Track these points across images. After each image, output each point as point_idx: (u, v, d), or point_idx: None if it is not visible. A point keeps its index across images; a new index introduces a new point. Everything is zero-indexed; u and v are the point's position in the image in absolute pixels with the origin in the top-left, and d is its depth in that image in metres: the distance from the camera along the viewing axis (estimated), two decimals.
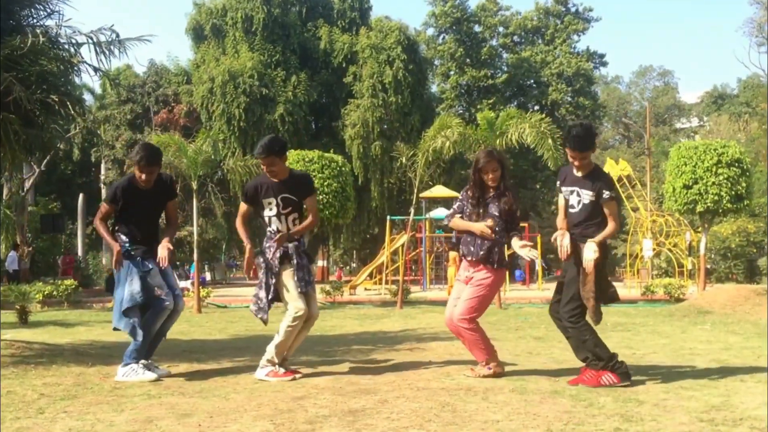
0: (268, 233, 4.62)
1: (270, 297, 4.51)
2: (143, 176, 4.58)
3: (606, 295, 4.27)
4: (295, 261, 4.53)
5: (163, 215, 4.96)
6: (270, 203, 4.59)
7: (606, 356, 4.16)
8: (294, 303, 4.46)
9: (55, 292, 14.45)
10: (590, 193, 4.23)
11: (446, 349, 6.00)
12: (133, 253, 4.55)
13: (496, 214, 4.41)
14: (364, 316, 11.07)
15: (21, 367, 4.85)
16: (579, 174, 4.31)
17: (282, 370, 4.47)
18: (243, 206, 4.74)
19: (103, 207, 4.81)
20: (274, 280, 4.51)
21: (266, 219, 4.61)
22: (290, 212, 4.64)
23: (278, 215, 4.60)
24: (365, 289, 20.25)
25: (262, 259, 4.55)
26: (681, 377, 4.39)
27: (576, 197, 4.30)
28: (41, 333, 8.04)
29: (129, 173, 4.97)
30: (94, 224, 5.00)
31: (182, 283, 19.46)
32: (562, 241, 4.23)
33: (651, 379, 4.34)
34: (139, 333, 4.47)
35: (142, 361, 4.50)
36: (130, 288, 4.47)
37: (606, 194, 4.23)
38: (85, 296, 16.57)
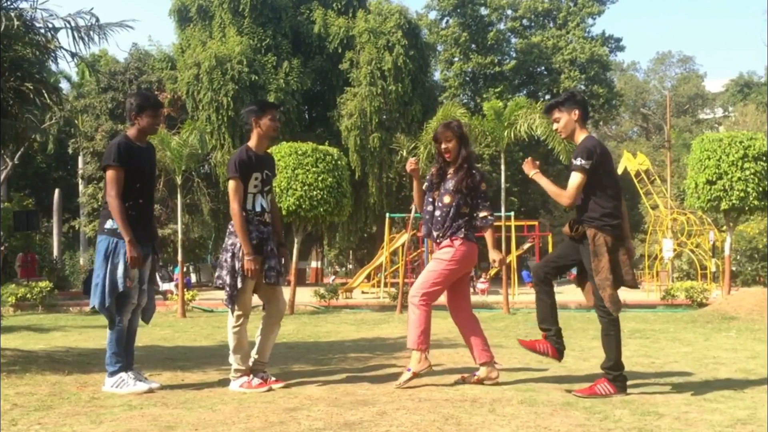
0: (248, 215, 4.47)
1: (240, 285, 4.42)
2: (156, 122, 4.49)
3: (623, 281, 4.26)
4: (269, 248, 4.52)
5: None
6: (256, 178, 4.53)
7: (616, 360, 4.17)
8: (239, 301, 4.45)
9: (29, 295, 14.45)
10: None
11: (450, 357, 6.01)
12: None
13: (451, 188, 4.54)
14: (361, 321, 11.08)
15: None
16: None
17: (256, 381, 4.45)
18: (239, 185, 4.43)
19: (113, 173, 4.29)
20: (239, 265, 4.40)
21: (249, 198, 4.50)
22: (268, 191, 4.65)
23: (261, 192, 4.56)
24: (362, 292, 20.26)
25: (231, 242, 4.46)
26: (704, 388, 4.39)
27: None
28: (14, 338, 8.04)
29: (120, 134, 4.62)
30: (112, 204, 4.28)
31: (165, 286, 19.46)
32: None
33: (671, 390, 4.35)
34: (118, 322, 4.42)
35: (130, 372, 4.48)
36: (113, 275, 4.32)
37: (574, 160, 4.18)
38: (61, 299, 16.56)
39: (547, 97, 32.49)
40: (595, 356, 6.05)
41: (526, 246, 24.49)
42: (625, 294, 4.81)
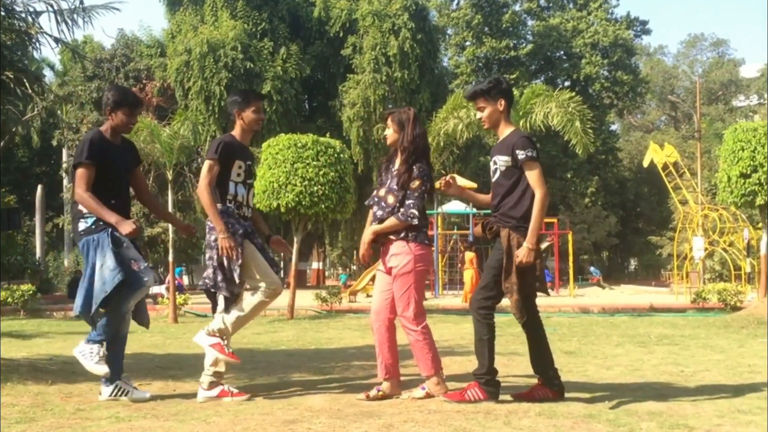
0: (226, 208, 4.52)
1: (234, 275, 4.45)
2: (130, 121, 4.55)
3: (533, 288, 4.32)
4: (257, 241, 4.60)
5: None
6: (240, 167, 4.60)
7: (486, 368, 4.23)
8: (269, 278, 4.49)
9: (9, 299, 14.54)
10: (505, 158, 4.24)
11: (462, 365, 6.01)
12: (102, 223, 4.40)
13: (395, 187, 4.47)
14: (366, 326, 11.07)
15: None
16: (498, 141, 4.38)
17: (235, 389, 4.56)
18: (214, 167, 4.48)
19: (84, 171, 4.40)
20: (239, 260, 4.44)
21: (230, 186, 4.55)
22: (251, 185, 4.72)
23: (244, 183, 4.63)
24: (367, 295, 20.26)
25: (213, 237, 4.48)
26: (738, 399, 4.38)
27: (493, 166, 4.35)
28: None
29: (93, 129, 4.70)
30: (81, 198, 4.38)
31: (156, 289, 19.53)
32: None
33: (702, 400, 4.33)
34: (124, 311, 4.45)
35: (118, 381, 4.50)
36: (102, 270, 4.31)
37: (522, 154, 4.16)
38: (44, 303, 16.64)
39: (567, 83, 32.43)
40: (619, 364, 6.03)
41: (545, 245, 24.47)
42: (653, 298, 4.80)
